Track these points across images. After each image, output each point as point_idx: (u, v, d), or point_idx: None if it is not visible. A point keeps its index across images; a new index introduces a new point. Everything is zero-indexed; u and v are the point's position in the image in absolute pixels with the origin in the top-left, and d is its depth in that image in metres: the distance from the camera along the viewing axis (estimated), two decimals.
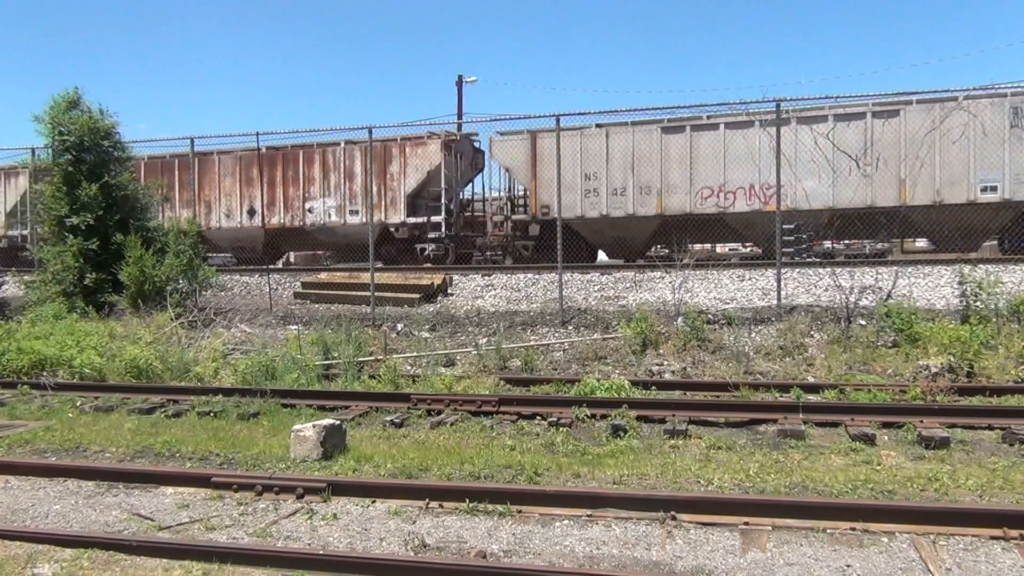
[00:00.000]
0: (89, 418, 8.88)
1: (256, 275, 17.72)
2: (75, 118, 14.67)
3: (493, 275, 15.71)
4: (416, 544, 4.72)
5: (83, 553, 4.62)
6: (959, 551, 4.47)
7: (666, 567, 4.38)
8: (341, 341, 11.16)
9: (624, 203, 17.43)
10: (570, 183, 17.02)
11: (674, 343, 10.78)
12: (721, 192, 16.68)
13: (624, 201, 17.41)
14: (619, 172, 17.44)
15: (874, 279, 12.16)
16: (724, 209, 16.78)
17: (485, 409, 8.41)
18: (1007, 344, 9.54)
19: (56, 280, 14.54)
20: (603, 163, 17.51)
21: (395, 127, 19.46)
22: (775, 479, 5.85)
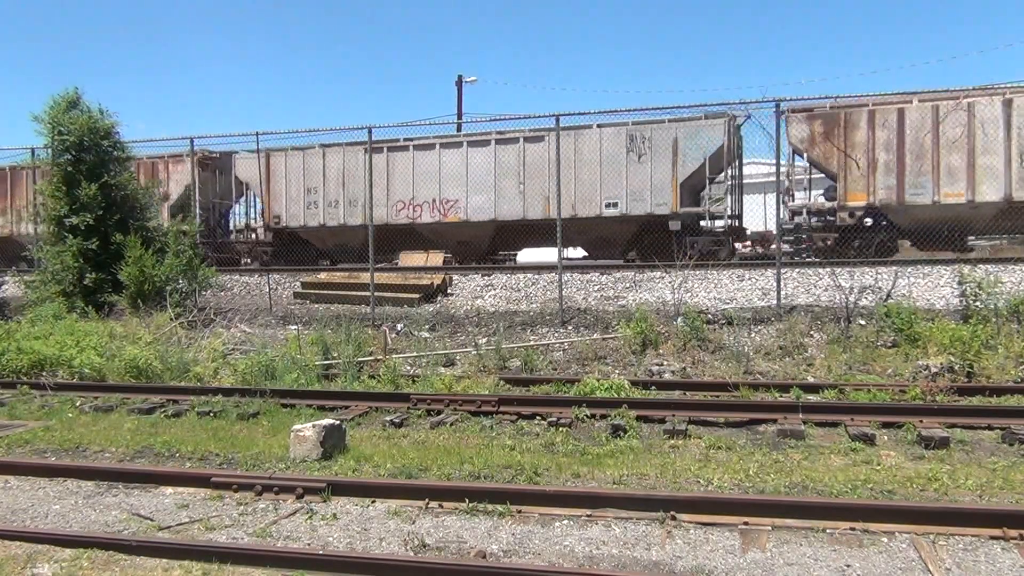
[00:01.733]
0: (89, 418, 8.88)
1: (256, 275, 17.71)
2: (75, 118, 14.67)
3: (493, 275, 15.72)
4: (416, 544, 4.72)
5: (83, 553, 4.61)
6: (959, 551, 4.47)
7: (666, 567, 4.38)
8: (341, 341, 11.16)
9: (338, 214, 19.40)
10: (295, 196, 19.61)
11: (674, 343, 10.78)
12: (411, 205, 18.94)
13: (338, 212, 19.39)
14: (333, 187, 19.37)
15: (874, 279, 12.17)
16: (413, 220, 18.93)
17: (485, 409, 8.41)
18: (1007, 344, 9.55)
19: (56, 280, 14.54)
20: (321, 179, 19.54)
21: (395, 127, 19.61)
22: (775, 479, 5.86)
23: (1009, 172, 14.34)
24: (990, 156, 14.52)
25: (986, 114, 14.57)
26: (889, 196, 15.24)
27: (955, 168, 14.73)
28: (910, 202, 15.08)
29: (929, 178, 14.87)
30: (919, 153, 14.96)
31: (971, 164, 14.58)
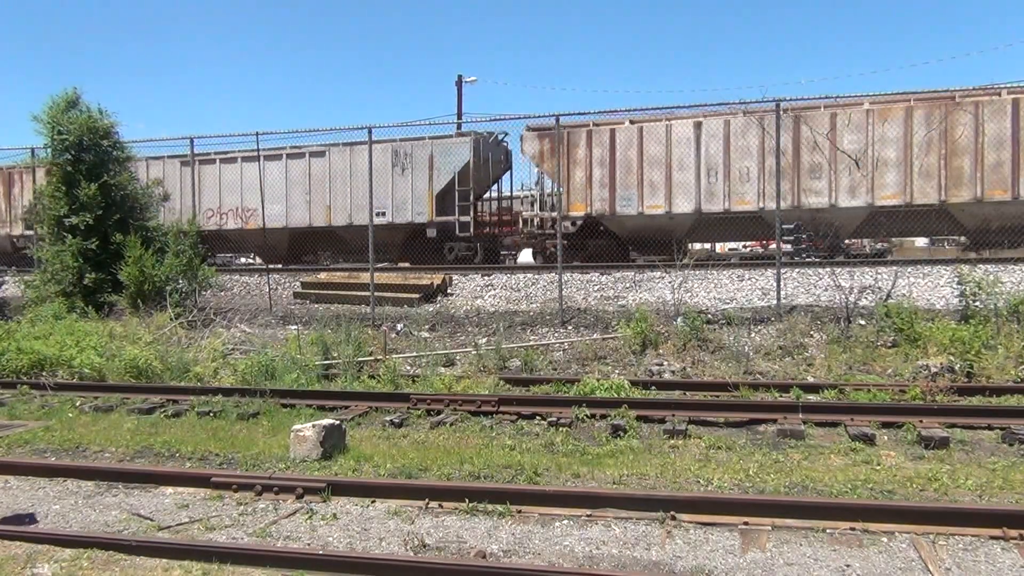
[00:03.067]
0: (89, 418, 8.88)
1: (256, 275, 17.71)
2: (74, 118, 14.66)
3: (493, 275, 15.72)
4: (416, 544, 4.72)
5: (83, 553, 4.61)
6: (959, 551, 4.47)
7: (666, 567, 4.38)
8: (341, 341, 11.16)
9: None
10: None
11: (674, 343, 10.78)
12: (219, 213, 20.39)
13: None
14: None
15: (874, 279, 12.17)
16: (221, 226, 20.28)
17: (485, 409, 8.41)
18: (1007, 344, 9.54)
19: (55, 280, 14.53)
20: None
21: (395, 127, 19.65)
22: (775, 479, 5.86)
23: (699, 186, 16.26)
24: (684, 172, 16.42)
25: (680, 134, 16.43)
26: (604, 207, 17.02)
27: (656, 183, 16.65)
28: (620, 212, 16.93)
29: (635, 191, 16.73)
30: (627, 169, 16.82)
31: (668, 179, 16.53)
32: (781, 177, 14.85)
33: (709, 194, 16.39)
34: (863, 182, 15.58)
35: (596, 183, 16.99)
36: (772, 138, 14.98)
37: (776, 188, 12.18)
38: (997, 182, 14.80)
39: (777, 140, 12.20)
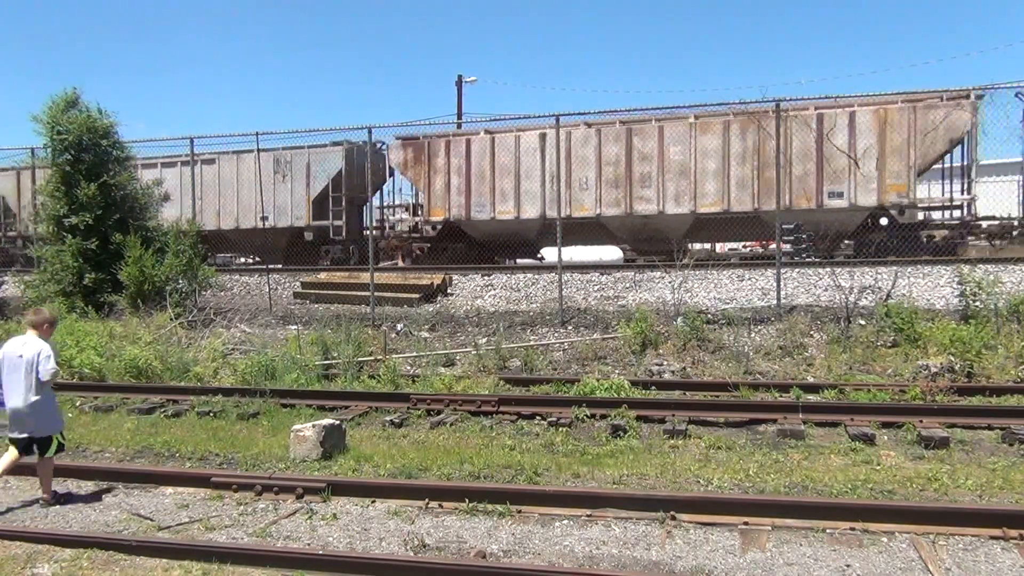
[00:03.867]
0: (89, 418, 8.87)
1: (256, 275, 17.71)
2: (73, 118, 14.65)
3: (493, 275, 15.72)
4: (416, 544, 4.72)
5: (83, 553, 4.62)
6: (959, 551, 4.47)
7: (666, 567, 4.38)
8: (341, 341, 11.16)
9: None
10: None
11: (674, 343, 10.78)
12: None
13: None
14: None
15: (873, 279, 12.17)
16: None
17: (485, 409, 8.41)
18: (1007, 344, 9.54)
19: (55, 280, 14.52)
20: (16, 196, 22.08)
21: (395, 127, 19.57)
22: (775, 479, 5.86)
23: (543, 194, 17.14)
24: (531, 181, 17.42)
25: (528, 145, 17.49)
26: (461, 212, 18.08)
27: (506, 190, 17.67)
28: (475, 218, 18.01)
29: (488, 198, 17.77)
30: (481, 177, 17.86)
31: (517, 187, 17.58)
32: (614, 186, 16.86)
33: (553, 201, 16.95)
34: (687, 191, 16.61)
35: (454, 190, 18.09)
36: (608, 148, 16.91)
37: (776, 190, 12.21)
38: (804, 190, 15.90)
39: (777, 142, 12.23)
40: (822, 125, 15.67)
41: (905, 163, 15.20)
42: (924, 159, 15.22)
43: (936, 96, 15.01)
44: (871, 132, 15.40)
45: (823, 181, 15.73)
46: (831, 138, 15.62)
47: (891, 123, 15.28)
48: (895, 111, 15.29)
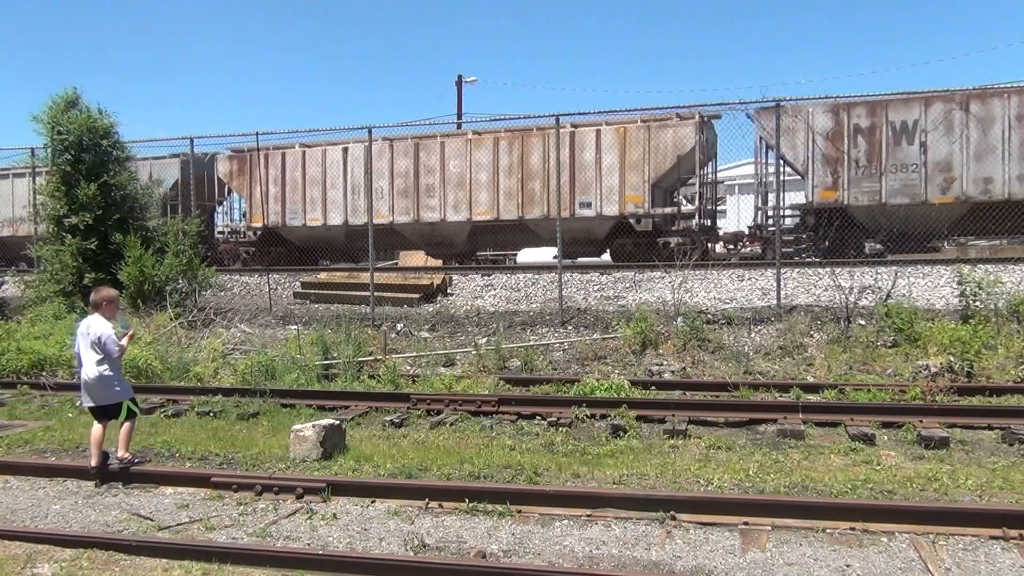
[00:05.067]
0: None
1: (256, 275, 17.71)
2: (73, 118, 14.64)
3: (493, 275, 15.72)
4: (416, 544, 4.72)
5: (83, 553, 4.62)
6: (959, 551, 4.47)
7: (666, 567, 4.38)
8: (341, 341, 11.16)
9: None
10: None
11: (674, 343, 10.78)
12: None
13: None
14: None
15: (873, 279, 12.17)
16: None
17: (485, 409, 8.41)
18: (1007, 344, 9.55)
19: (55, 280, 14.52)
20: None
21: (395, 127, 19.55)
22: (775, 479, 5.85)
23: (346, 203, 19.03)
24: (335, 190, 19.18)
25: (332, 158, 19.21)
26: (277, 219, 19.78)
27: (315, 199, 19.39)
28: (290, 224, 19.72)
29: (300, 206, 19.42)
30: (295, 187, 19.51)
31: (324, 196, 19.29)
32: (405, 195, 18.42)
33: (354, 209, 19.01)
34: (464, 200, 18.36)
35: (272, 199, 19.78)
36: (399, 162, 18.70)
37: (777, 191, 12.18)
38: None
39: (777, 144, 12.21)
40: (574, 141, 17.30)
41: (641, 177, 16.90)
42: (657, 173, 16.89)
43: (668, 116, 16.81)
44: (614, 149, 17.05)
45: (575, 192, 17.34)
46: (581, 153, 17.37)
47: (630, 140, 16.95)
48: (633, 129, 16.87)
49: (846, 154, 15.80)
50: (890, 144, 15.60)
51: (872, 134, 15.71)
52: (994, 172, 15.00)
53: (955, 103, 15.10)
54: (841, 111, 15.83)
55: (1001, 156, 14.94)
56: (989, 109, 15.07)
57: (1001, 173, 14.95)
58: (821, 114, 16.00)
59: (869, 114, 15.63)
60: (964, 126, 15.18)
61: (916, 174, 15.45)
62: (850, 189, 15.76)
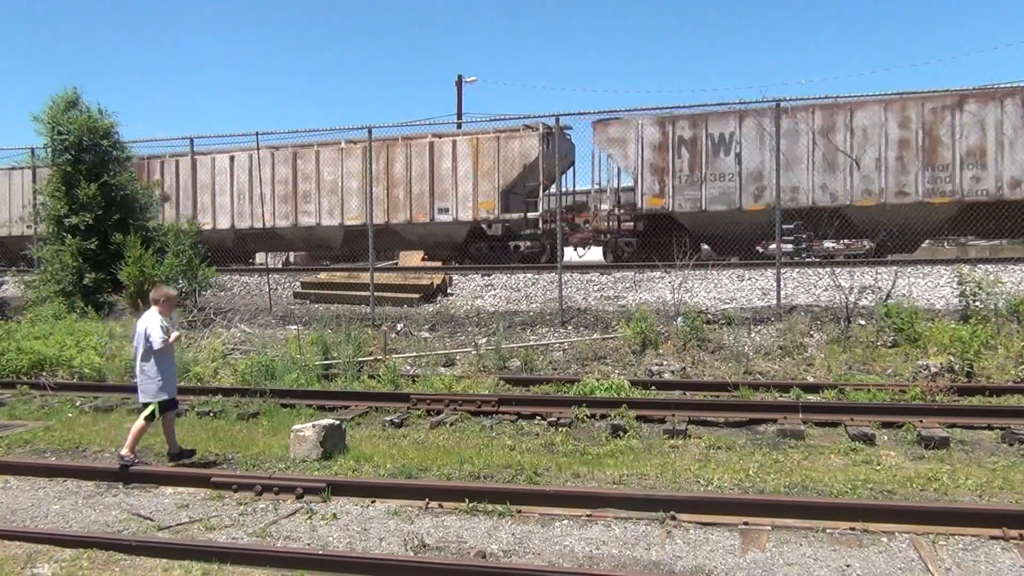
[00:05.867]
0: (89, 418, 8.87)
1: (256, 275, 17.71)
2: (74, 118, 14.65)
3: (493, 275, 15.73)
4: (416, 544, 4.72)
5: (83, 553, 4.62)
6: (959, 551, 4.47)
7: (666, 567, 4.38)
8: (341, 341, 11.15)
9: None
10: None
11: (674, 343, 10.78)
12: None
13: None
14: None
15: (873, 279, 12.17)
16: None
17: (485, 409, 8.41)
18: (1007, 344, 9.54)
19: (55, 280, 14.53)
20: None
21: (395, 127, 19.58)
22: (775, 479, 5.86)
23: (233, 207, 20.55)
24: (223, 196, 20.68)
25: (221, 165, 20.64)
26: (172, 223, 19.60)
27: (206, 204, 20.62)
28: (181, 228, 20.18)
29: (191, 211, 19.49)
30: (187, 192, 20.28)
31: (213, 201, 20.69)
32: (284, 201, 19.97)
33: (240, 214, 20.46)
34: (337, 206, 19.75)
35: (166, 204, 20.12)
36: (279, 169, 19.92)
37: (776, 191, 12.18)
38: (421, 207, 19.10)
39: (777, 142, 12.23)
40: (433, 151, 18.74)
41: (493, 184, 18.24)
42: (506, 180, 18.25)
43: (517, 128, 18.21)
44: (469, 158, 18.40)
45: (435, 199, 18.72)
46: (440, 162, 18.69)
47: (482, 151, 18.31)
48: (485, 140, 18.25)
49: (671, 164, 16.83)
50: (710, 155, 16.67)
51: (694, 145, 16.74)
52: (800, 181, 16.11)
53: (766, 117, 16.00)
54: (667, 123, 16.90)
55: (806, 167, 16.08)
56: (795, 123, 16.14)
57: (806, 182, 16.09)
58: (650, 126, 17.03)
59: (692, 126, 16.63)
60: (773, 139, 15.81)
61: (732, 183, 16.53)
62: (675, 197, 16.83)
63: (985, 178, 15.15)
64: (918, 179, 15.44)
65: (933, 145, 15.07)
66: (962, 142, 15.20)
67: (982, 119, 15.13)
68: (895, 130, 15.64)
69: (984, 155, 15.13)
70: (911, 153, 15.51)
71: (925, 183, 15.36)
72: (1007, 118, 15.01)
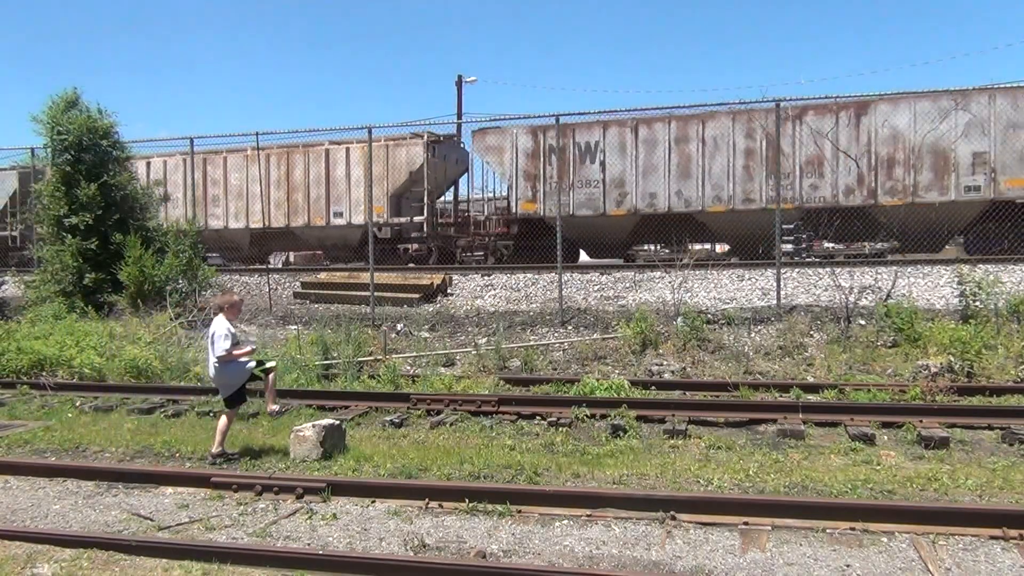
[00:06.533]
0: (89, 418, 8.87)
1: (256, 275, 17.72)
2: (73, 118, 14.65)
3: (493, 275, 15.73)
4: (416, 544, 4.72)
5: (83, 553, 4.61)
6: (958, 551, 4.47)
7: (666, 567, 4.38)
8: (341, 341, 11.15)
9: None
10: None
11: (674, 343, 10.78)
12: None
13: None
14: None
15: (873, 279, 12.17)
16: None
17: (485, 409, 8.40)
18: (1007, 344, 9.54)
19: (55, 280, 14.52)
20: None
21: (395, 127, 19.62)
22: (775, 479, 5.85)
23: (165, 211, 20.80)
24: None
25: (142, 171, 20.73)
26: None
27: None
28: None
29: None
30: None
31: None
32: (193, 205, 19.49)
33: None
34: (243, 209, 20.94)
35: None
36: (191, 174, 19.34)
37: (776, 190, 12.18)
38: (318, 211, 20.51)
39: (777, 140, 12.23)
40: (328, 158, 20.01)
41: (383, 189, 19.53)
42: (394, 186, 19.77)
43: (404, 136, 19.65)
44: (360, 164, 19.31)
45: (331, 203, 19.93)
46: (335, 169, 19.98)
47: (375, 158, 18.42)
48: (376, 148, 18.72)
49: (543, 171, 17.84)
50: (577, 163, 17.71)
51: (563, 153, 17.68)
52: (657, 188, 17.20)
53: (627, 127, 17.25)
54: (539, 133, 17.94)
55: (663, 175, 17.17)
56: (653, 133, 17.26)
57: (663, 189, 17.16)
58: (524, 135, 18.19)
59: (561, 136, 17.26)
60: (634, 147, 17.33)
61: (597, 189, 17.62)
62: (546, 202, 17.67)
63: (823, 186, 16.28)
64: (763, 187, 16.38)
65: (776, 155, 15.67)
66: (801, 152, 16.26)
67: (819, 130, 16.23)
68: (742, 140, 16.66)
69: (821, 164, 16.27)
70: (756, 162, 16.53)
71: (769, 190, 16.09)
72: (841, 129, 16.12)
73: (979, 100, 15.16)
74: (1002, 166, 15.15)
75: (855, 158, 15.98)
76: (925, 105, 15.46)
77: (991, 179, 15.24)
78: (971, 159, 15.34)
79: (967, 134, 15.27)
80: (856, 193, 16.04)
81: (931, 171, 15.61)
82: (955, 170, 15.44)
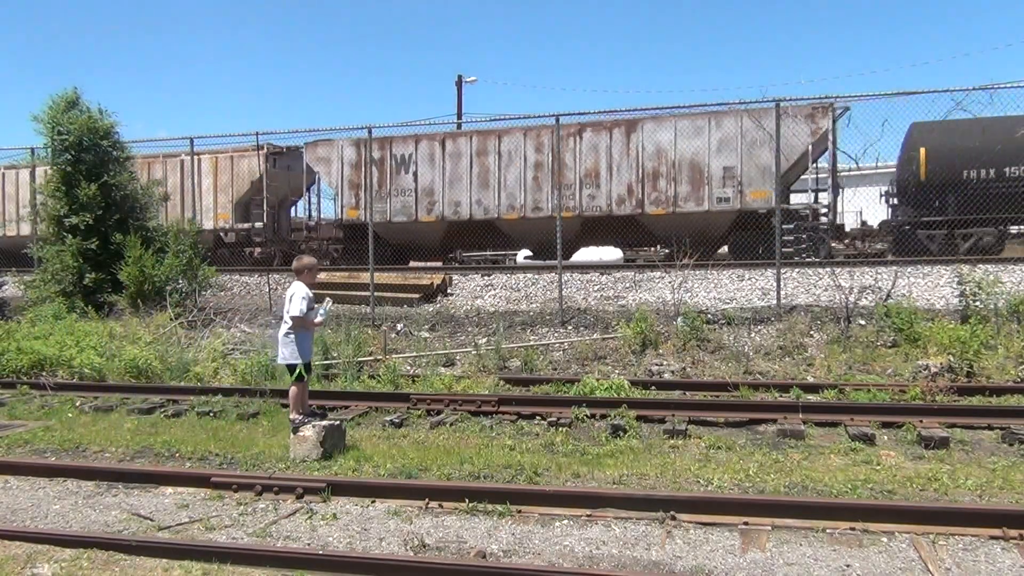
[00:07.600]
0: (89, 418, 8.87)
1: (256, 275, 17.72)
2: (74, 118, 14.66)
3: (493, 275, 15.73)
4: (416, 544, 4.72)
5: (83, 553, 4.61)
6: (959, 551, 4.47)
7: (666, 567, 4.38)
8: (340, 341, 11.16)
9: None
10: None
11: (674, 343, 10.78)
12: None
13: None
14: None
15: (873, 279, 12.18)
16: None
17: (485, 409, 8.41)
18: (1007, 344, 9.55)
19: (55, 280, 14.53)
20: None
21: (395, 127, 19.69)
22: (775, 479, 5.86)
23: None
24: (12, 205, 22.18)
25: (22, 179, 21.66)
26: None
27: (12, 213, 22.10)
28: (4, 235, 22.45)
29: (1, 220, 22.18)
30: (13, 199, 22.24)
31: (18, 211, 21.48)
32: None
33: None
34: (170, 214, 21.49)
35: None
36: None
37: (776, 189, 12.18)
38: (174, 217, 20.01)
39: (777, 142, 12.23)
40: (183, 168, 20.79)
41: (228, 198, 21.29)
42: (238, 194, 21.24)
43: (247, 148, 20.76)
44: (210, 174, 21.21)
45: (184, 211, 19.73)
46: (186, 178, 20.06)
47: (220, 168, 21.33)
48: (223, 159, 21.16)
49: (365, 180, 18.66)
50: (394, 173, 19.25)
51: (382, 164, 19.24)
52: (461, 197, 18.74)
53: (436, 140, 18.85)
54: (362, 145, 18.86)
55: (466, 185, 18.70)
56: (458, 147, 18.81)
57: (466, 198, 18.69)
58: (349, 147, 19.66)
59: (380, 148, 18.97)
60: (442, 160, 18.88)
61: (411, 198, 19.16)
62: (368, 209, 17.93)
63: (599, 196, 17.73)
64: (549, 196, 17.75)
65: (561, 167, 17.06)
66: (581, 165, 17.76)
67: (595, 145, 17.69)
68: (532, 154, 18.20)
69: (598, 176, 17.72)
70: (544, 174, 18.01)
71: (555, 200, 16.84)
72: (615, 145, 17.57)
73: (729, 120, 16.73)
74: (748, 179, 16.70)
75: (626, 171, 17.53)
76: (685, 124, 17.05)
77: (738, 191, 16.81)
78: (722, 173, 16.92)
79: (720, 150, 16.87)
80: (627, 203, 17.55)
81: (689, 184, 17.15)
82: (709, 183, 17.00)
